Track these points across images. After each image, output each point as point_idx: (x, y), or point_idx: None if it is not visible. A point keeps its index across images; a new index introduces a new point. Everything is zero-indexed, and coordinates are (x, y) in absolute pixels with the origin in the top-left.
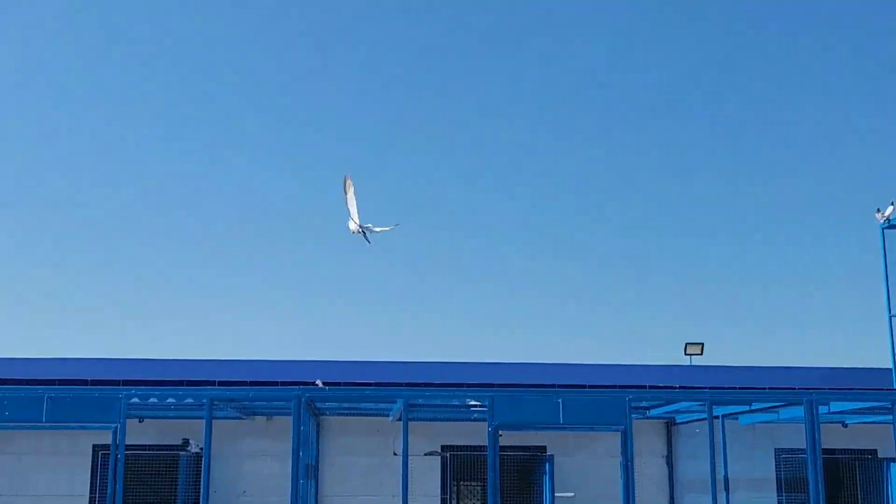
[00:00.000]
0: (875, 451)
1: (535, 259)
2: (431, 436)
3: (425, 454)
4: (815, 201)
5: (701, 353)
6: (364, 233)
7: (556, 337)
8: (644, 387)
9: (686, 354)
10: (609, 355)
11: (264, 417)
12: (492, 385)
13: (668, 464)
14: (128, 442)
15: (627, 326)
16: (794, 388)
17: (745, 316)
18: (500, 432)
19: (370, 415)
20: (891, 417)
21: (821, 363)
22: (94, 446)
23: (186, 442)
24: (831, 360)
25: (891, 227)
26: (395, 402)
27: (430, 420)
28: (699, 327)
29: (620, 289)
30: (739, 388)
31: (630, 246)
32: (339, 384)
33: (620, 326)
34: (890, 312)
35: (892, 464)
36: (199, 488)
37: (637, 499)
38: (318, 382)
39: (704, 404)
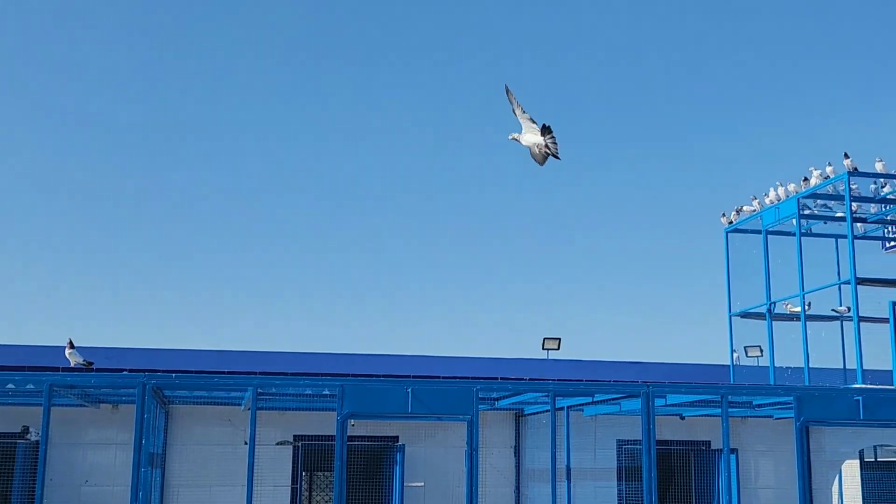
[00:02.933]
0: (709, 442)
1: (385, 252)
2: (285, 425)
3: (277, 443)
4: (665, 203)
5: (558, 348)
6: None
7: (413, 330)
8: (495, 378)
9: (544, 349)
10: (466, 349)
11: (110, 405)
12: (343, 375)
13: (515, 454)
14: None
15: (490, 322)
16: (635, 382)
17: (600, 314)
18: (353, 422)
19: (221, 404)
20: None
21: (669, 359)
22: None
23: (26, 429)
24: (679, 357)
25: (735, 230)
26: (246, 391)
27: (283, 409)
28: (560, 324)
29: (483, 285)
30: (583, 381)
31: (491, 243)
32: (189, 372)
33: (484, 322)
34: (730, 311)
35: (721, 454)
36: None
37: (483, 488)
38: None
39: (549, 395)
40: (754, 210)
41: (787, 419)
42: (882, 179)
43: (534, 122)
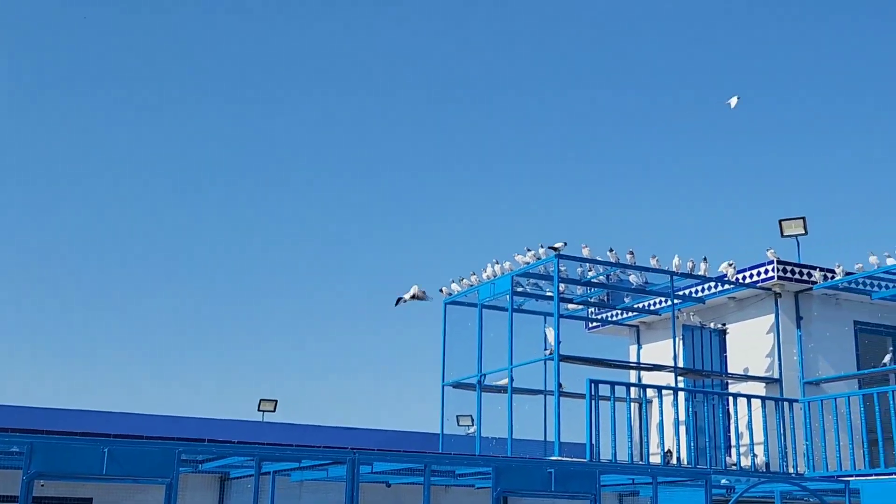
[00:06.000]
0: None
1: (87, 302)
2: None
3: None
4: (385, 271)
5: (274, 410)
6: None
7: (116, 385)
8: (201, 440)
9: (259, 410)
10: (174, 408)
11: None
12: (33, 431)
13: None
14: None
15: (205, 381)
16: (344, 448)
17: (319, 377)
18: (42, 482)
19: None
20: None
21: (382, 426)
22: None
23: None
24: (395, 424)
25: (453, 302)
26: None
27: None
28: (278, 386)
29: (201, 343)
30: (291, 446)
31: (204, 297)
32: None
33: (198, 381)
34: (443, 381)
35: None
36: None
37: None
38: None
39: (255, 460)
40: (472, 284)
41: (487, 489)
42: (587, 264)
43: None
